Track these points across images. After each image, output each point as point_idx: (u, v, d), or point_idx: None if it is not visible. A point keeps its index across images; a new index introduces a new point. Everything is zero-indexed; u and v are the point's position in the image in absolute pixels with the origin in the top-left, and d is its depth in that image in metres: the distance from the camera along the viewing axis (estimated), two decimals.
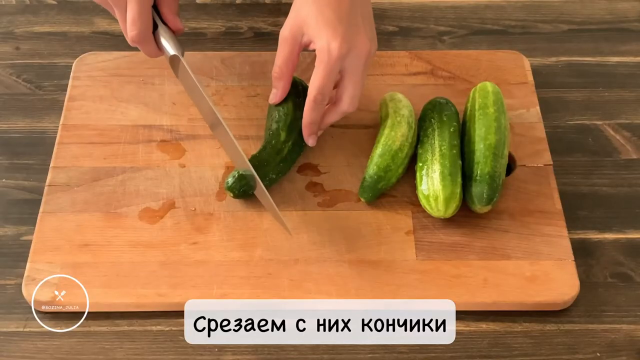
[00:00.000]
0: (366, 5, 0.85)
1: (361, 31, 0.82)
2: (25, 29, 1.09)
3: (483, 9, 1.11)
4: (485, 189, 0.84)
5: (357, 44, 0.82)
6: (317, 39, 0.82)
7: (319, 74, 0.82)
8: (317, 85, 0.82)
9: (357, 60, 0.83)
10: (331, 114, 0.87)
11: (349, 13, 0.82)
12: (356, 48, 0.82)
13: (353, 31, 0.82)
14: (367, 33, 0.83)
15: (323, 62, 0.81)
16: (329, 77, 0.82)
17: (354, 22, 0.82)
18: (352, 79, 0.84)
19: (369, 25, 0.85)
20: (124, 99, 0.97)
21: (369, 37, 0.84)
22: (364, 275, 0.82)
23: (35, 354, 0.79)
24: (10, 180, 0.92)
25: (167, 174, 0.91)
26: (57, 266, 0.83)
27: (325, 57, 0.81)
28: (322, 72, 0.82)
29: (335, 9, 0.82)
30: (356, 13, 0.83)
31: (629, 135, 0.96)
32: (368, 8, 0.86)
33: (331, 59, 0.81)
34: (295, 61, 0.85)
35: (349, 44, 0.81)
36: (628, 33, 1.08)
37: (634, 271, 0.85)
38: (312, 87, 0.83)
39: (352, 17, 0.82)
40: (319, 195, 0.89)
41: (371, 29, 0.85)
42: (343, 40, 0.81)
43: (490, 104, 0.90)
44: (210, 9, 1.12)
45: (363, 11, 0.84)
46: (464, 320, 0.81)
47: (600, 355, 0.79)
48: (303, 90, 0.89)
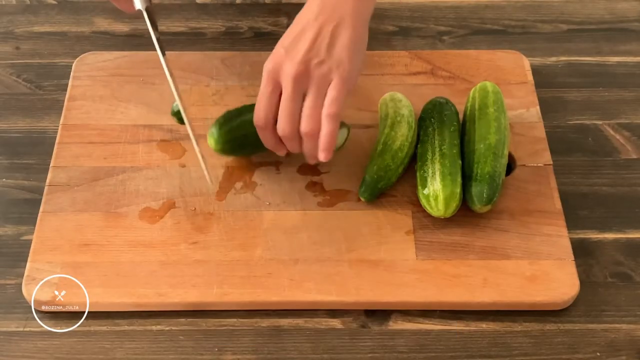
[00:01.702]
0: (347, 33, 0.83)
1: (299, 54, 0.81)
2: (26, 29, 1.09)
3: (483, 9, 1.11)
4: (485, 189, 0.84)
5: (285, 65, 0.82)
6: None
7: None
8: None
9: (285, 80, 0.82)
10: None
11: (298, 35, 0.82)
12: (284, 68, 0.82)
13: (291, 54, 0.81)
14: (313, 56, 0.81)
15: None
16: (259, 93, 0.83)
17: (299, 45, 0.82)
18: (282, 98, 0.82)
19: (329, 49, 0.82)
20: (124, 98, 0.97)
21: (309, 60, 0.81)
22: (363, 275, 0.82)
23: (35, 353, 0.79)
24: (11, 180, 0.92)
25: (167, 174, 0.91)
26: (57, 266, 0.83)
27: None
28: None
29: (288, 32, 0.83)
30: (307, 35, 0.82)
31: (629, 135, 0.96)
32: (343, 33, 0.83)
33: (263, 77, 0.83)
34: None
35: (275, 63, 0.82)
36: (628, 33, 1.08)
37: (634, 271, 0.85)
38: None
39: (300, 39, 0.82)
40: (319, 195, 0.89)
41: (336, 54, 0.82)
42: (271, 60, 0.83)
43: (490, 104, 0.90)
44: (210, 8, 1.12)
45: (329, 34, 0.82)
46: (464, 320, 0.81)
47: (600, 354, 0.79)
48: None
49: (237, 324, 0.81)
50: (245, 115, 0.87)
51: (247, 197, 0.89)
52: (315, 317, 0.81)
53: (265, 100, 0.83)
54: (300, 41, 0.82)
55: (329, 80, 0.81)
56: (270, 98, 0.83)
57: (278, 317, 0.81)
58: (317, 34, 0.82)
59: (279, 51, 0.82)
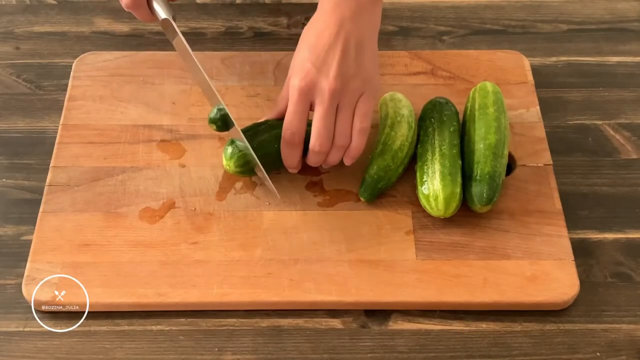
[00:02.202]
0: (362, 44, 0.84)
1: (332, 70, 0.82)
2: (26, 29, 1.09)
3: (483, 9, 1.11)
4: (485, 189, 0.84)
5: (320, 81, 0.82)
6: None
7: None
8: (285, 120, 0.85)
9: (321, 97, 0.83)
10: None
11: (326, 51, 0.83)
12: (319, 84, 0.82)
13: (323, 70, 0.82)
14: (345, 71, 0.83)
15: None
16: (289, 112, 0.83)
17: (329, 60, 0.82)
18: (317, 114, 0.83)
19: (358, 63, 0.84)
20: (124, 98, 0.97)
21: (343, 75, 0.82)
22: (363, 275, 0.82)
23: (35, 353, 0.79)
24: (11, 180, 0.92)
25: (167, 174, 0.91)
26: (57, 266, 0.83)
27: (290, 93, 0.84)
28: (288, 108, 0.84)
29: (311, 47, 0.83)
30: (335, 50, 0.83)
31: (629, 135, 0.96)
32: (365, 47, 0.85)
33: (292, 95, 0.83)
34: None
35: (308, 81, 0.82)
36: (628, 33, 1.08)
37: (634, 271, 0.85)
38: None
39: (329, 55, 0.83)
40: (319, 195, 0.89)
41: (358, 68, 0.84)
42: (303, 78, 0.83)
43: (490, 104, 0.90)
44: (210, 8, 1.12)
45: (354, 48, 0.83)
46: (463, 320, 0.81)
47: (600, 355, 0.79)
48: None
49: (237, 324, 0.81)
50: (262, 135, 0.87)
51: (247, 197, 0.89)
52: (315, 317, 0.81)
53: (299, 118, 0.83)
54: (329, 56, 0.82)
55: (360, 94, 0.84)
56: (302, 116, 0.84)
57: (278, 317, 0.81)
58: (344, 48, 0.83)
59: (307, 67, 0.83)
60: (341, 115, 0.84)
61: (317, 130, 0.83)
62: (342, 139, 0.84)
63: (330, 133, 0.84)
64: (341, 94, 0.83)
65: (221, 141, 0.93)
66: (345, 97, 0.83)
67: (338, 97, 0.83)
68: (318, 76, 0.82)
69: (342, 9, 0.83)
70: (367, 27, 0.85)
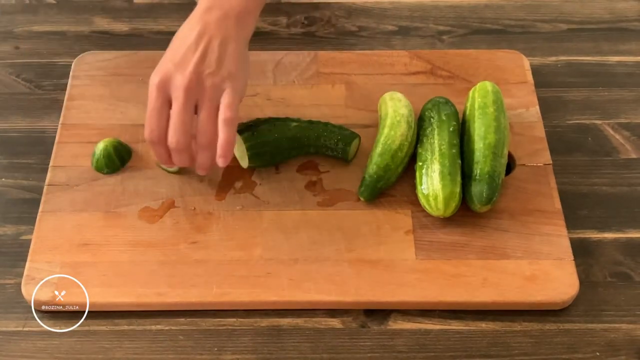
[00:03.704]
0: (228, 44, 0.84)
1: (188, 66, 0.81)
2: (25, 29, 1.09)
3: (482, 9, 1.11)
4: (484, 189, 0.84)
5: (175, 77, 0.82)
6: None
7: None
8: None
9: (176, 92, 0.81)
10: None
11: (186, 50, 0.82)
12: (174, 80, 0.82)
13: (180, 67, 0.82)
14: (203, 69, 0.82)
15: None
16: (148, 110, 0.83)
17: (187, 58, 0.82)
18: (173, 110, 0.82)
19: (219, 62, 0.83)
20: (123, 98, 0.97)
21: (200, 72, 0.82)
22: (363, 275, 0.82)
23: (35, 353, 0.79)
24: (10, 179, 0.92)
25: (167, 174, 0.91)
26: (56, 266, 0.83)
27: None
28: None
29: (174, 48, 0.84)
30: (196, 50, 0.82)
31: (629, 134, 0.96)
32: (229, 48, 0.84)
33: (150, 93, 0.82)
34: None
35: (164, 77, 0.82)
36: (627, 32, 1.08)
37: (634, 270, 0.85)
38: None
39: (188, 53, 0.82)
40: (318, 195, 0.89)
41: (218, 66, 0.83)
42: (159, 75, 0.82)
43: (489, 104, 0.90)
44: None
45: (217, 49, 0.83)
46: (463, 320, 0.81)
47: (599, 354, 0.79)
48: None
49: (237, 324, 0.81)
50: (262, 125, 0.89)
51: (247, 196, 0.89)
52: (314, 316, 0.81)
53: (157, 114, 0.82)
54: (188, 55, 0.82)
55: (222, 91, 0.82)
56: (161, 112, 0.82)
57: (277, 316, 0.81)
58: (205, 48, 0.82)
59: (167, 65, 0.82)
60: (202, 111, 0.82)
61: (172, 126, 0.82)
62: (205, 136, 0.82)
63: (187, 129, 0.82)
64: (198, 91, 0.81)
65: None
66: (204, 94, 0.81)
67: (194, 93, 0.81)
68: (174, 73, 0.82)
69: (209, 17, 0.83)
70: (233, 32, 0.84)
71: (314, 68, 1.00)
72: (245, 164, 0.89)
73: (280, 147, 0.89)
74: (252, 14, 0.86)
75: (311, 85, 0.99)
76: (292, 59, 1.02)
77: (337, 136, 0.90)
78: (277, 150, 0.89)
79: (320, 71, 1.00)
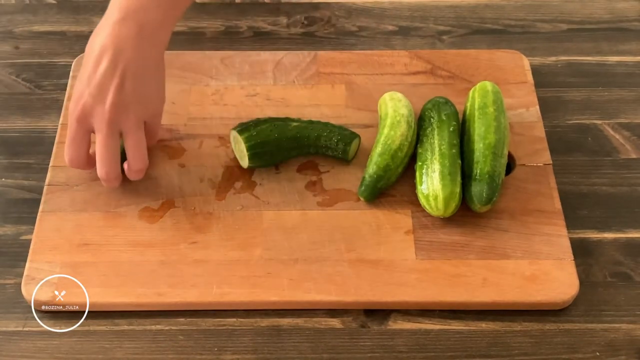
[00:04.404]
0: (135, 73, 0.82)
1: (108, 98, 0.81)
2: (25, 29, 1.09)
3: (482, 9, 1.11)
4: (484, 189, 0.84)
5: (96, 110, 0.81)
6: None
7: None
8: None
9: (99, 124, 0.82)
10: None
11: (102, 79, 0.81)
12: (95, 113, 0.82)
13: (98, 98, 0.81)
14: (123, 99, 0.81)
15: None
16: (67, 139, 0.83)
17: (105, 88, 0.81)
18: (98, 141, 0.83)
19: (136, 91, 0.82)
20: None
21: (119, 103, 0.81)
22: (363, 275, 0.82)
23: (35, 353, 0.79)
24: (10, 179, 0.92)
25: (167, 174, 0.91)
26: (56, 265, 0.83)
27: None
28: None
29: (89, 75, 0.82)
30: (112, 78, 0.81)
31: (629, 134, 0.96)
32: (147, 72, 0.83)
33: (70, 123, 0.83)
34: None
35: (84, 109, 0.82)
36: (627, 32, 1.08)
37: (634, 271, 0.85)
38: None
39: (105, 83, 0.81)
40: (318, 195, 0.89)
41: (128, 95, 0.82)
42: (78, 106, 0.82)
43: (489, 104, 0.90)
44: (210, 8, 1.12)
45: (132, 77, 0.81)
46: (463, 320, 0.81)
47: (599, 354, 0.79)
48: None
49: (237, 324, 0.81)
50: (263, 124, 0.89)
51: (247, 196, 0.89)
52: (314, 316, 0.81)
53: (77, 144, 0.83)
54: (106, 83, 0.81)
55: (144, 116, 0.84)
56: (81, 142, 0.83)
57: (277, 316, 0.81)
58: (123, 75, 0.81)
59: (84, 94, 0.81)
60: (129, 141, 0.83)
61: (100, 158, 0.83)
62: (137, 163, 0.84)
63: (114, 158, 0.83)
64: (120, 121, 0.82)
65: (221, 141, 0.93)
66: (127, 122, 0.82)
67: (117, 124, 0.81)
68: (94, 105, 0.81)
69: (123, 31, 0.81)
70: (149, 52, 0.82)
71: (314, 68, 1.00)
72: (245, 164, 0.89)
73: (280, 147, 0.89)
74: (167, 28, 0.84)
75: (311, 85, 0.99)
76: (292, 59, 1.02)
77: (337, 136, 0.90)
78: (277, 150, 0.89)
79: (320, 71, 1.00)
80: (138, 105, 0.82)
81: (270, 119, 0.91)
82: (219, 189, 0.89)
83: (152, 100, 0.85)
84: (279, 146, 0.89)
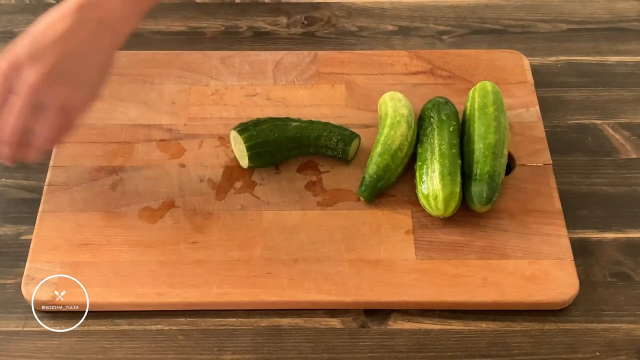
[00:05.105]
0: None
1: (45, 64, 0.74)
2: (25, 29, 1.08)
3: (482, 9, 1.11)
4: (484, 189, 0.84)
5: (25, 71, 0.74)
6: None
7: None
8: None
9: (21, 88, 0.75)
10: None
11: (48, 43, 0.75)
12: (23, 73, 0.75)
13: (35, 59, 0.74)
14: (59, 73, 0.75)
15: None
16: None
17: (47, 52, 0.75)
18: (14, 107, 0.76)
19: (76, 72, 0.77)
20: (123, 98, 0.97)
21: (54, 76, 0.75)
22: (363, 275, 0.82)
23: (35, 353, 0.79)
24: (10, 179, 0.92)
25: (167, 174, 0.91)
26: (56, 265, 0.83)
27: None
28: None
29: (36, 35, 0.76)
30: (59, 47, 0.75)
31: (629, 134, 0.96)
32: (93, 57, 0.78)
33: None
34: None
35: (12, 64, 0.75)
36: (627, 32, 1.08)
37: (634, 270, 0.85)
38: None
39: (49, 48, 0.75)
40: (318, 195, 0.89)
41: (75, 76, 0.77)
42: (8, 59, 0.75)
43: (489, 104, 0.90)
44: (209, 8, 1.12)
45: (80, 54, 0.77)
46: (463, 320, 0.81)
47: (599, 354, 0.79)
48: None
49: (237, 324, 0.81)
50: (263, 124, 0.89)
51: (247, 196, 0.89)
52: (314, 316, 0.81)
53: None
54: (48, 50, 0.75)
55: (67, 102, 0.78)
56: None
57: (277, 316, 0.81)
58: (70, 52, 0.76)
59: (20, 51, 0.75)
60: (45, 121, 0.77)
61: (4, 124, 0.76)
62: (43, 142, 0.79)
63: (20, 131, 0.76)
64: (43, 94, 0.75)
65: (221, 141, 0.93)
66: (49, 97, 0.76)
67: (39, 95, 0.75)
68: (25, 62, 0.74)
69: (84, 16, 0.76)
70: (102, 44, 0.78)
71: (314, 68, 1.01)
72: (245, 164, 0.89)
73: (280, 147, 0.89)
74: (129, 23, 0.80)
75: (311, 85, 0.99)
76: (292, 59, 1.02)
77: (337, 136, 0.90)
78: (277, 150, 0.89)
79: (320, 71, 1.00)
80: (68, 86, 0.76)
81: (270, 119, 0.91)
82: (219, 188, 0.89)
83: (84, 89, 0.78)
84: (279, 146, 0.89)
